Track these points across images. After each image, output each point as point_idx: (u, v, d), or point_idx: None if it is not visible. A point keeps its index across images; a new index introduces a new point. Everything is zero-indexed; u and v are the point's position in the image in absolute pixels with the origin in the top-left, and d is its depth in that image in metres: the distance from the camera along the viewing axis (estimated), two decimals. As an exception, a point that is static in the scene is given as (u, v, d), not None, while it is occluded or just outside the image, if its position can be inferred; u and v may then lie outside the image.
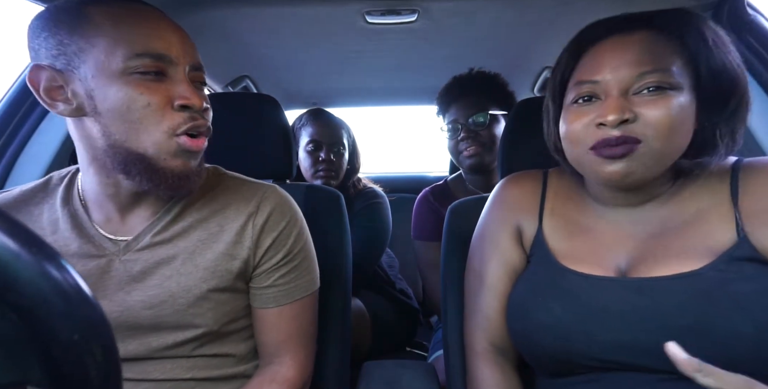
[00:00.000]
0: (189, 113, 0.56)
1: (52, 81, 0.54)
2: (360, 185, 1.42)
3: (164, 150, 0.55)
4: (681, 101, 0.52)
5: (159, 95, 0.54)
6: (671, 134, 0.52)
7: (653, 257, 0.56)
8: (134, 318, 0.59)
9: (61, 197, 0.64)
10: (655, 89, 0.52)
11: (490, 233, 0.70)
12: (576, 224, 0.64)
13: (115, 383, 0.28)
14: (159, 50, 0.54)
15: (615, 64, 0.54)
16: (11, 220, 0.25)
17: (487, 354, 0.67)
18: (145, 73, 0.54)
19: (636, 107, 0.52)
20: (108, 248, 0.61)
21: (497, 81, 1.24)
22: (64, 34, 0.53)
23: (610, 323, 0.54)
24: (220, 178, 0.69)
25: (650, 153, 0.53)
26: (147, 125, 0.54)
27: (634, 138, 0.52)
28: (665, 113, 0.51)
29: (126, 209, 0.62)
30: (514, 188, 0.72)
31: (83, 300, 0.26)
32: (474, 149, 1.16)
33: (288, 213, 0.68)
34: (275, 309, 0.66)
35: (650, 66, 0.52)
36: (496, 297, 0.67)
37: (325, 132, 1.32)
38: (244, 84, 1.53)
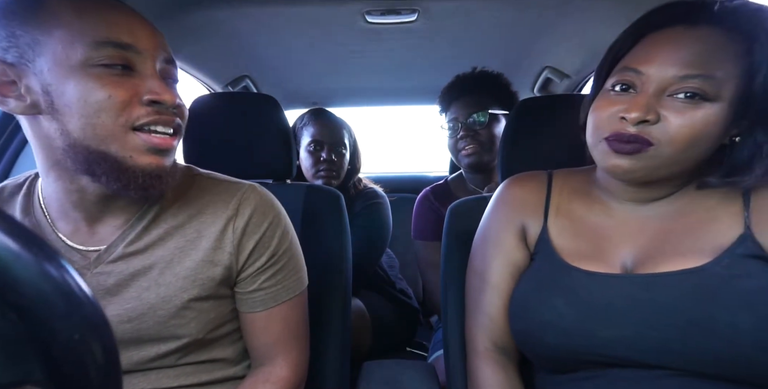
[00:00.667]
0: (156, 108, 0.52)
1: (2, 76, 0.50)
2: (360, 186, 1.42)
3: (129, 147, 0.51)
4: (711, 114, 0.50)
5: (123, 89, 0.50)
6: (687, 145, 0.51)
7: (661, 254, 0.57)
8: (119, 331, 0.57)
9: (21, 207, 0.59)
10: (691, 96, 0.50)
11: (493, 233, 0.70)
12: (582, 221, 0.64)
13: (115, 383, 0.28)
14: (123, 39, 0.50)
15: (664, 60, 0.52)
16: (11, 220, 0.25)
17: (489, 353, 0.67)
18: (109, 66, 0.50)
19: (664, 110, 0.51)
20: (77, 261, 0.57)
21: (500, 81, 1.24)
22: (16, 25, 0.49)
23: (613, 319, 0.54)
24: (194, 178, 0.65)
25: (658, 158, 0.52)
26: (104, 119, 0.50)
27: (646, 140, 0.52)
28: (689, 123, 0.50)
29: (94, 217, 0.58)
30: (518, 189, 0.71)
31: (83, 300, 0.26)
32: (473, 147, 1.17)
33: (270, 213, 0.64)
34: (263, 312, 0.64)
35: (697, 70, 0.50)
36: (499, 295, 0.67)
37: (327, 132, 1.32)
38: (244, 84, 1.53)
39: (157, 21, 0.65)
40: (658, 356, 0.52)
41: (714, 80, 0.50)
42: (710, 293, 0.51)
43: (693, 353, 0.50)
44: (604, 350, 0.54)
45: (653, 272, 0.56)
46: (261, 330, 0.65)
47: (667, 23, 0.54)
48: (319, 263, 0.84)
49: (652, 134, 0.52)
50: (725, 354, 0.49)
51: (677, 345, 0.51)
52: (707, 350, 0.49)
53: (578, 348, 0.56)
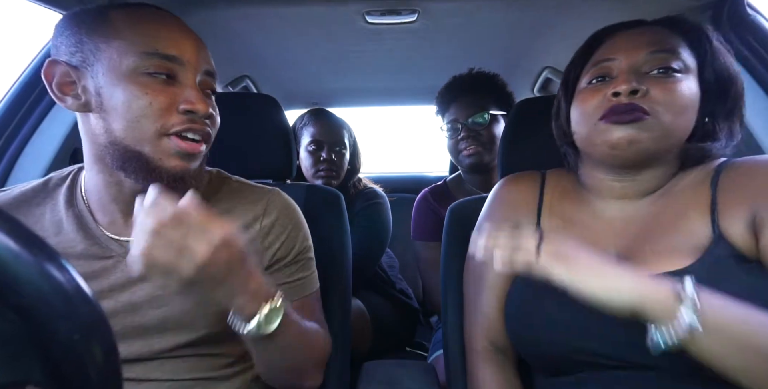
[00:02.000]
0: (190, 117, 0.57)
1: (65, 76, 0.56)
2: (360, 186, 1.42)
3: (160, 150, 0.56)
4: (687, 83, 0.56)
5: (163, 97, 0.55)
6: (679, 111, 0.56)
7: (641, 254, 0.58)
8: (140, 319, 0.59)
9: (65, 198, 0.64)
10: (665, 71, 0.56)
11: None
12: (572, 222, 0.65)
13: (115, 383, 0.28)
14: (169, 51, 0.56)
15: (629, 44, 0.59)
16: (12, 220, 0.25)
17: (488, 353, 0.67)
18: (154, 74, 0.55)
19: (647, 84, 0.56)
20: (114, 249, 0.61)
21: (497, 81, 1.24)
22: (84, 33, 0.56)
23: (605, 320, 0.53)
24: (224, 181, 0.70)
25: (658, 125, 0.55)
26: (143, 124, 0.55)
27: (642, 108, 0.55)
28: (673, 91, 0.55)
29: (129, 211, 0.60)
30: (512, 188, 0.73)
31: (83, 300, 0.26)
32: (474, 148, 1.17)
33: (293, 217, 0.70)
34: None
35: (661, 46, 0.57)
36: (496, 295, 0.67)
37: (327, 132, 1.32)
38: (244, 84, 1.53)
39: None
40: (652, 357, 0.51)
41: (678, 55, 0.57)
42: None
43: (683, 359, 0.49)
44: (599, 351, 0.54)
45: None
46: None
47: (619, 30, 0.63)
48: (319, 263, 0.83)
49: (645, 103, 0.55)
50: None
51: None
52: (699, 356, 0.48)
53: (574, 351, 0.56)
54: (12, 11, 1.03)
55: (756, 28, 0.91)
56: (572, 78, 0.66)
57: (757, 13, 0.91)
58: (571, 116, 0.63)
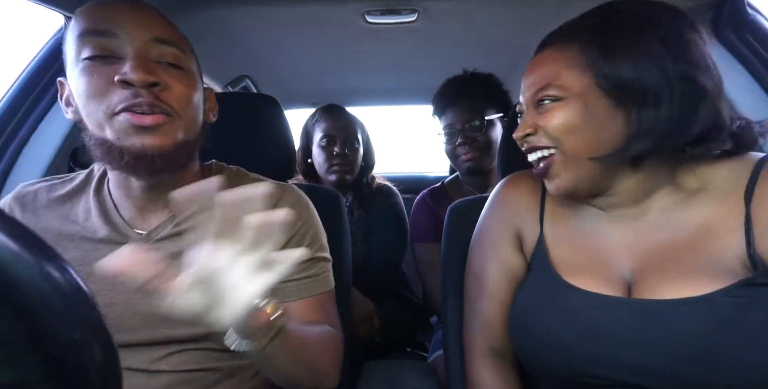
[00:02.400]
0: (132, 89, 0.52)
1: (66, 91, 0.59)
2: (374, 183, 1.42)
3: (116, 130, 0.54)
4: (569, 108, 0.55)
5: (101, 75, 0.53)
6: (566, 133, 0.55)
7: (662, 271, 0.53)
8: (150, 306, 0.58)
9: (95, 187, 0.66)
10: (541, 102, 0.57)
11: (489, 238, 0.69)
12: (577, 230, 0.62)
13: (115, 383, 0.28)
14: (98, 26, 0.53)
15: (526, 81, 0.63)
16: (11, 220, 0.25)
17: (487, 358, 0.66)
18: (94, 58, 0.53)
19: (537, 121, 0.58)
20: (131, 236, 0.62)
21: (491, 82, 1.24)
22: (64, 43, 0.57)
23: (615, 345, 0.52)
24: (242, 178, 0.71)
25: (563, 158, 0.56)
26: (93, 107, 0.54)
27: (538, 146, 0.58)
28: (555, 120, 0.55)
29: (142, 206, 0.63)
30: (513, 191, 0.70)
31: (83, 300, 0.26)
32: (471, 154, 1.17)
33: (305, 214, 0.69)
34: (299, 302, 0.65)
35: (541, 83, 0.57)
36: (496, 302, 0.66)
37: (339, 126, 1.30)
38: (244, 84, 1.53)
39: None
40: (662, 383, 0.49)
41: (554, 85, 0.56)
42: (717, 325, 0.47)
43: (700, 383, 0.48)
44: (606, 373, 0.52)
45: (656, 297, 0.52)
46: (300, 318, 0.65)
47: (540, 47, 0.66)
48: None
49: (542, 141, 0.57)
50: (734, 386, 0.46)
51: (683, 376, 0.48)
52: (715, 382, 0.47)
53: (580, 370, 0.54)
54: (12, 11, 1.02)
55: (756, 28, 0.91)
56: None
57: (757, 13, 0.92)
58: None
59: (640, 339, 0.51)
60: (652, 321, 0.50)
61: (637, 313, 0.52)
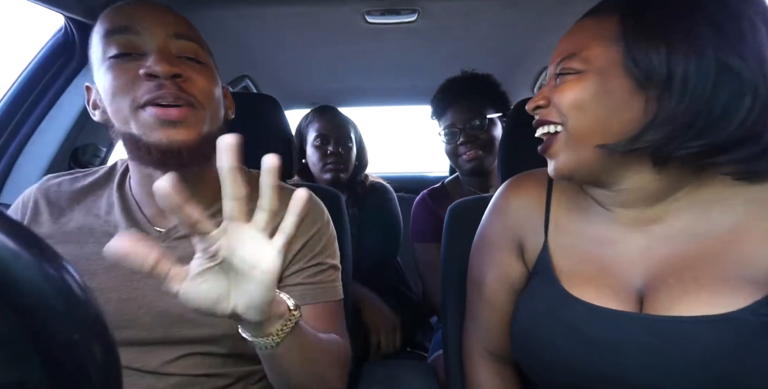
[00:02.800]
0: (156, 81, 0.54)
1: (93, 94, 0.61)
2: (368, 181, 1.42)
3: (141, 125, 0.55)
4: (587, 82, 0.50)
5: (125, 70, 0.55)
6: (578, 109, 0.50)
7: (679, 284, 0.48)
8: (165, 305, 0.59)
9: (118, 182, 0.67)
10: (561, 75, 0.53)
11: (489, 244, 0.66)
12: (585, 237, 0.57)
13: (115, 383, 0.28)
14: (121, 23, 0.55)
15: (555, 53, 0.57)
16: (11, 220, 0.25)
17: (485, 360, 0.66)
18: (118, 56, 0.55)
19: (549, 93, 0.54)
20: (152, 233, 0.63)
21: (490, 82, 1.24)
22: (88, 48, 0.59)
23: (624, 364, 0.48)
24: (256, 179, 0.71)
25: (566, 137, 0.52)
26: (119, 102, 0.55)
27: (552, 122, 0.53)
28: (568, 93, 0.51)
29: None
30: (515, 196, 0.65)
31: (83, 300, 0.26)
32: (473, 153, 1.17)
33: (320, 219, 0.69)
34: (306, 307, 0.64)
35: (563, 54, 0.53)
36: (495, 309, 0.65)
37: (332, 126, 1.32)
38: (244, 84, 1.53)
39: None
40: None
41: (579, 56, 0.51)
42: (742, 348, 0.43)
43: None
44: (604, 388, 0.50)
45: (671, 313, 0.47)
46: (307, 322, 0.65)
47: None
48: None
49: (551, 115, 0.53)
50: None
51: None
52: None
53: (587, 386, 0.52)
54: (12, 11, 1.02)
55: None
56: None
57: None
58: None
59: (652, 359, 0.46)
60: (666, 341, 0.46)
61: (648, 330, 0.47)
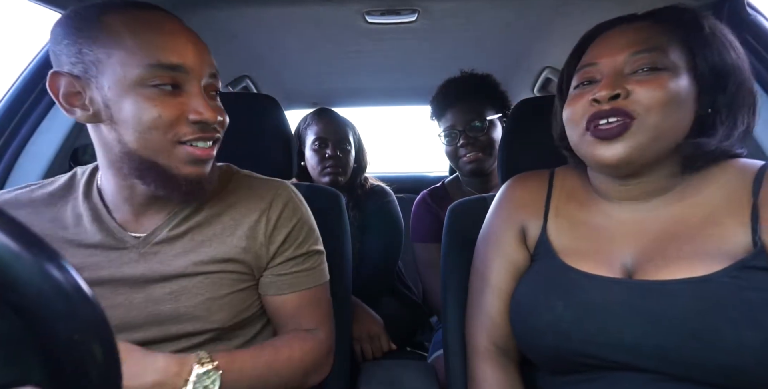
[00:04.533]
0: (201, 126, 0.58)
1: (70, 87, 0.56)
2: (368, 184, 1.42)
3: (174, 159, 0.58)
4: (673, 80, 0.54)
5: (171, 108, 0.56)
6: (666, 110, 0.53)
7: (662, 257, 0.55)
8: (156, 308, 0.61)
9: (83, 192, 0.66)
10: (650, 70, 0.54)
11: (494, 234, 0.70)
12: (581, 222, 0.64)
13: (115, 383, 0.28)
14: (172, 60, 0.55)
15: (611, 48, 0.57)
16: (12, 220, 0.25)
17: (489, 353, 0.67)
18: (159, 86, 0.55)
19: (630, 85, 0.54)
20: (128, 241, 0.63)
21: (490, 82, 1.24)
22: (84, 43, 0.55)
23: (612, 324, 0.54)
24: (233, 176, 0.72)
25: (645, 130, 0.53)
26: (154, 135, 0.56)
27: (624, 111, 0.53)
28: (658, 90, 0.53)
29: (140, 212, 0.64)
30: (519, 189, 0.71)
31: (83, 300, 0.26)
32: (474, 155, 1.17)
33: (299, 210, 0.71)
34: (292, 294, 0.68)
35: (643, 46, 0.55)
36: (499, 297, 0.66)
37: (331, 129, 1.31)
38: (244, 84, 1.53)
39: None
40: (656, 363, 0.51)
41: (663, 52, 0.54)
42: (715, 305, 0.49)
43: (693, 363, 0.49)
44: (602, 354, 0.54)
45: (655, 278, 0.54)
46: (292, 311, 0.69)
47: (608, 28, 0.61)
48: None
49: (628, 106, 0.53)
50: (727, 367, 0.47)
51: (677, 354, 0.49)
52: (708, 362, 0.48)
53: (577, 351, 0.55)
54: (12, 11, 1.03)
55: (756, 28, 0.91)
56: (566, 79, 0.65)
57: (757, 13, 0.91)
58: (563, 120, 0.62)
59: (637, 317, 0.52)
60: (650, 300, 0.52)
61: (635, 292, 0.54)
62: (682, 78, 0.54)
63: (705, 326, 0.48)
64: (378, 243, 1.30)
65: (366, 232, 1.32)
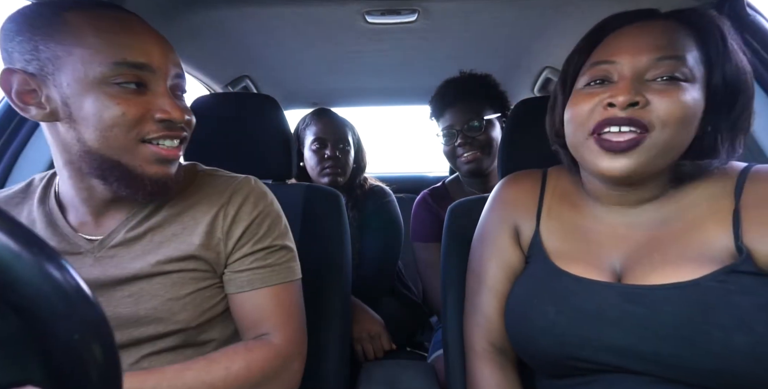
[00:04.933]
0: (167, 125, 0.57)
1: (24, 85, 0.54)
2: (367, 184, 1.42)
3: (138, 158, 0.56)
4: (693, 94, 0.51)
5: (136, 107, 0.54)
6: (679, 127, 0.51)
7: (649, 261, 0.55)
8: (114, 309, 0.60)
9: (38, 197, 0.65)
10: (669, 79, 0.51)
11: (488, 234, 0.70)
12: (572, 224, 0.64)
13: (115, 382, 0.28)
14: (138, 59, 0.54)
15: (633, 46, 0.53)
16: (12, 220, 0.25)
17: (487, 354, 0.67)
18: (124, 83, 0.54)
19: (648, 94, 0.51)
20: (82, 245, 0.61)
21: (489, 82, 1.24)
22: (39, 40, 0.53)
23: (604, 328, 0.54)
24: (197, 174, 0.70)
25: (654, 147, 0.51)
26: (117, 134, 0.54)
27: (640, 122, 0.50)
28: (677, 102, 0.50)
29: (99, 212, 0.63)
30: (512, 188, 0.71)
31: (83, 300, 0.26)
32: (472, 154, 1.17)
33: (261, 203, 0.68)
34: (252, 292, 0.65)
35: (668, 52, 0.51)
36: (496, 297, 0.67)
37: (330, 129, 1.32)
38: (244, 84, 1.53)
39: (157, 21, 0.65)
40: (650, 366, 0.51)
41: (685, 61, 0.51)
42: (704, 309, 0.49)
43: (686, 367, 0.49)
44: (596, 357, 0.54)
45: (644, 282, 0.54)
46: (251, 309, 0.65)
47: (625, 24, 0.56)
48: (319, 262, 0.83)
49: (645, 117, 0.50)
50: (718, 369, 0.48)
51: (669, 358, 0.50)
52: (700, 365, 0.48)
53: (571, 355, 0.55)
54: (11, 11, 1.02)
55: (756, 28, 0.91)
56: (571, 72, 0.61)
57: (757, 13, 0.91)
58: (564, 118, 0.59)
59: (628, 322, 0.52)
60: (640, 304, 0.52)
61: (625, 297, 0.54)
62: (697, 91, 0.52)
63: (695, 331, 0.48)
64: (377, 243, 1.30)
65: (365, 232, 1.32)
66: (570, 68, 0.61)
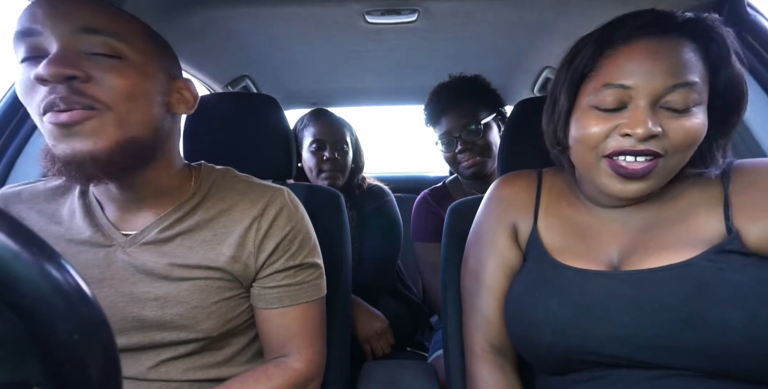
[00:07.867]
0: (49, 86, 0.49)
1: None
2: (366, 184, 1.42)
3: (47, 134, 0.51)
4: (701, 117, 0.53)
5: (27, 76, 0.50)
6: (691, 149, 0.54)
7: (644, 249, 0.57)
8: (140, 311, 0.59)
9: (80, 189, 0.66)
10: (683, 107, 0.52)
11: (485, 233, 0.70)
12: (569, 221, 0.65)
13: (115, 383, 0.28)
14: (26, 24, 0.50)
15: (649, 71, 0.52)
16: (12, 220, 0.25)
17: (487, 354, 0.67)
18: (26, 59, 0.50)
19: (665, 123, 0.52)
20: (116, 238, 0.62)
21: (479, 83, 1.22)
22: None
23: (605, 317, 0.54)
24: (231, 180, 0.69)
25: (668, 168, 0.54)
26: (30, 110, 0.51)
27: (656, 152, 0.52)
28: (690, 130, 0.52)
29: (126, 209, 0.63)
30: (508, 187, 0.72)
31: (83, 300, 0.26)
32: (473, 159, 1.16)
33: (294, 218, 0.67)
34: (280, 310, 0.65)
35: (682, 77, 0.51)
36: (494, 297, 0.67)
37: (328, 131, 1.31)
38: (244, 84, 1.53)
39: (157, 21, 0.65)
40: (651, 354, 0.52)
41: (697, 86, 0.52)
42: (699, 288, 0.51)
43: (686, 349, 0.50)
44: (598, 349, 0.54)
45: (639, 268, 0.56)
46: (277, 327, 0.66)
47: (634, 36, 0.54)
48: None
49: (659, 146, 0.52)
50: (718, 349, 0.48)
51: (670, 341, 0.51)
52: (700, 346, 0.49)
53: (574, 348, 0.56)
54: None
55: (756, 28, 0.91)
56: (579, 76, 0.58)
57: (757, 13, 0.91)
58: (570, 129, 0.58)
59: (629, 307, 0.53)
60: (638, 289, 0.54)
61: (624, 283, 0.55)
62: (703, 112, 0.53)
63: (692, 311, 0.50)
64: (377, 243, 1.30)
65: (365, 232, 1.32)
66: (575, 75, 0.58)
